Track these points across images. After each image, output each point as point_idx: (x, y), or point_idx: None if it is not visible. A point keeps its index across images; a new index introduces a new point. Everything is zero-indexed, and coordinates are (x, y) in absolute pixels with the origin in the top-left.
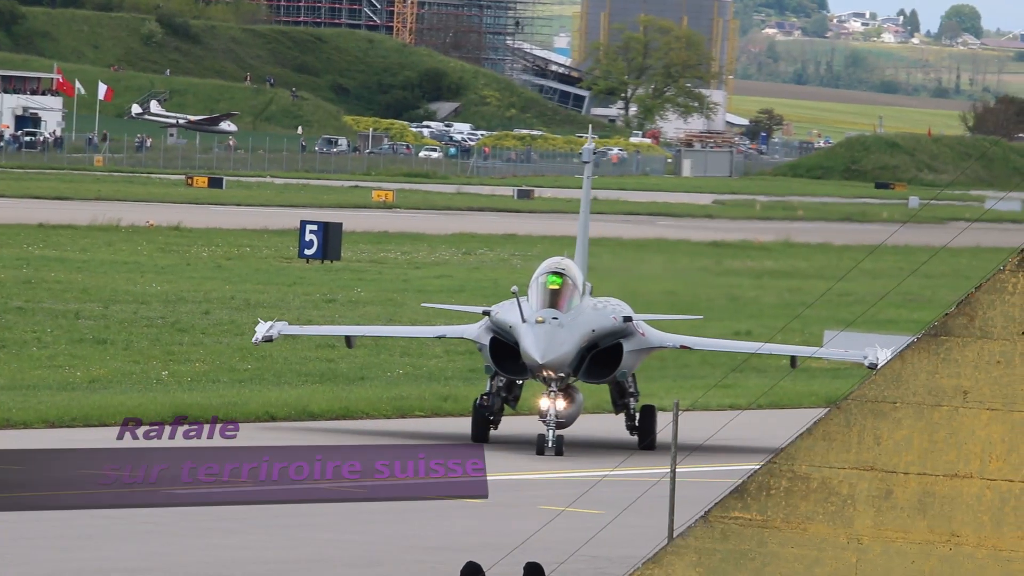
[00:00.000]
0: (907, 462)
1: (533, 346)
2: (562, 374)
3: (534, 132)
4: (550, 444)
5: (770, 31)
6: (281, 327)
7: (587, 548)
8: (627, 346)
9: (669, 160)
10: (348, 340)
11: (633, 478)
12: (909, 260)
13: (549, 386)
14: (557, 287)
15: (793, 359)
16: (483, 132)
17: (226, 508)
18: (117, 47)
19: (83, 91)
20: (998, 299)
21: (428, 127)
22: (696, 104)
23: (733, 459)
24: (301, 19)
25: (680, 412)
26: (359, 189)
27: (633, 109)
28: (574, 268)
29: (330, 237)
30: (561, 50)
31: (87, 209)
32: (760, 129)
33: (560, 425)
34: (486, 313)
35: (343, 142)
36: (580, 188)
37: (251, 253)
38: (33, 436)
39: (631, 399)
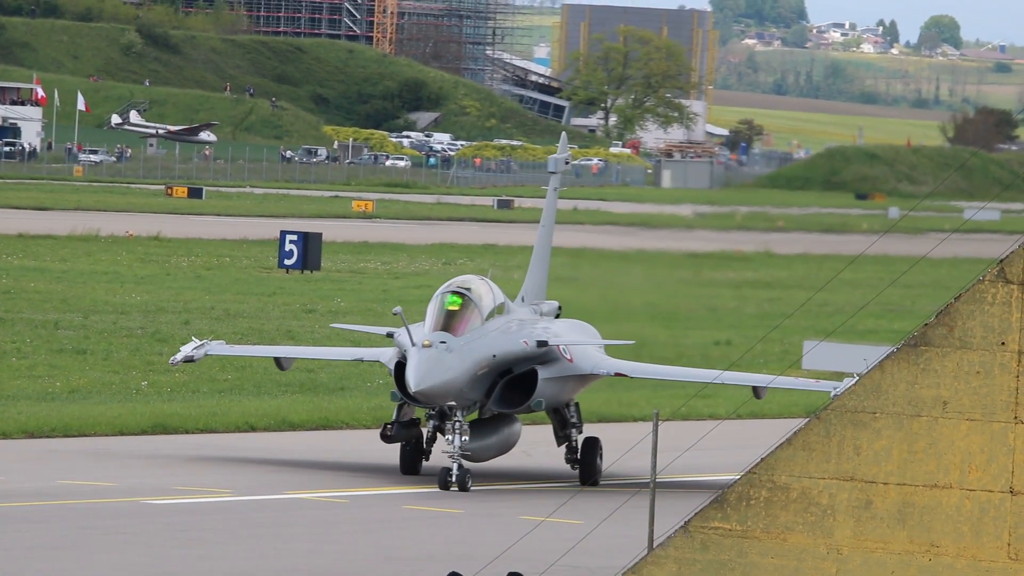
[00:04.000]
0: (887, 472)
1: (410, 373)
2: (451, 403)
3: (514, 142)
4: (453, 478)
5: (750, 41)
6: (214, 347)
7: (567, 558)
8: (544, 373)
9: (649, 170)
10: (278, 362)
11: (613, 488)
12: (889, 270)
13: (453, 416)
14: (456, 308)
15: (756, 389)
16: (463, 142)
17: (201, 517)
18: (97, 57)
19: (58, 103)
20: (977, 309)
21: (408, 137)
22: (676, 114)
23: (713, 469)
24: (281, 29)
25: (660, 422)
26: (339, 199)
27: (613, 119)
28: (483, 287)
29: (310, 247)
30: (541, 60)
31: (67, 219)
32: (740, 139)
33: (469, 458)
34: (390, 335)
35: (323, 152)
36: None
37: (231, 263)
38: (12, 446)
39: (572, 430)
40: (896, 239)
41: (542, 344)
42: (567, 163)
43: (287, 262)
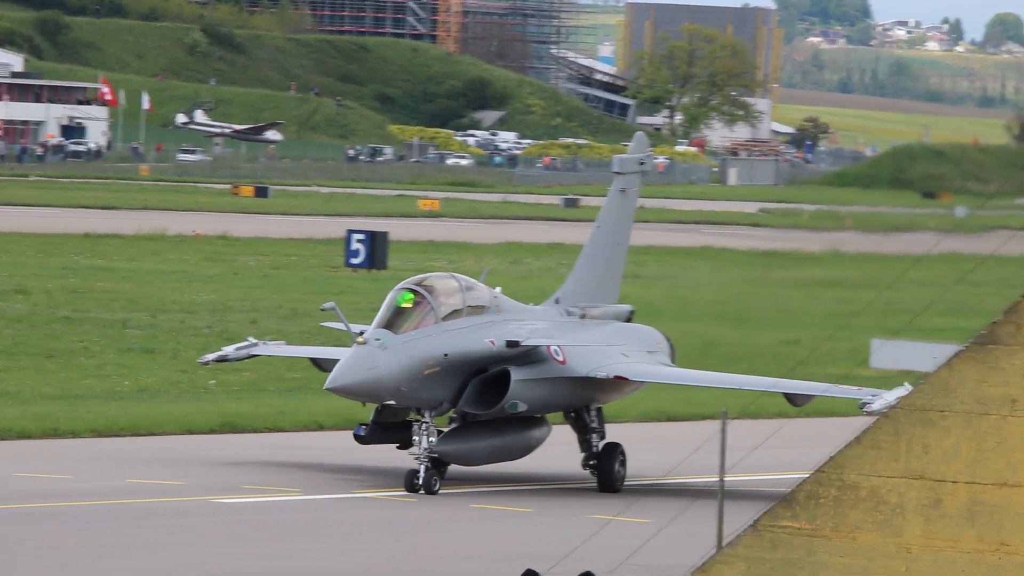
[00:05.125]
0: (956, 471)
1: (335, 369)
2: (389, 401)
3: (580, 141)
4: (420, 481)
5: (814, 39)
6: (261, 348)
7: (636, 557)
8: (521, 374)
9: (714, 169)
10: (317, 363)
11: (682, 487)
12: (956, 269)
13: (421, 416)
14: (407, 305)
15: (790, 397)
16: (529, 141)
17: (269, 516)
18: (162, 57)
19: (123, 102)
20: None
21: (473, 136)
22: (741, 112)
23: (782, 468)
24: (346, 28)
25: (728, 420)
26: (405, 198)
27: (678, 117)
28: (448, 286)
29: (376, 246)
30: (606, 59)
31: (133, 218)
32: (805, 137)
33: (455, 461)
34: (360, 334)
35: (388, 151)
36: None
37: (298, 262)
38: (81, 445)
39: (592, 435)
40: (963, 237)
41: (512, 344)
42: (641, 163)
43: (354, 261)
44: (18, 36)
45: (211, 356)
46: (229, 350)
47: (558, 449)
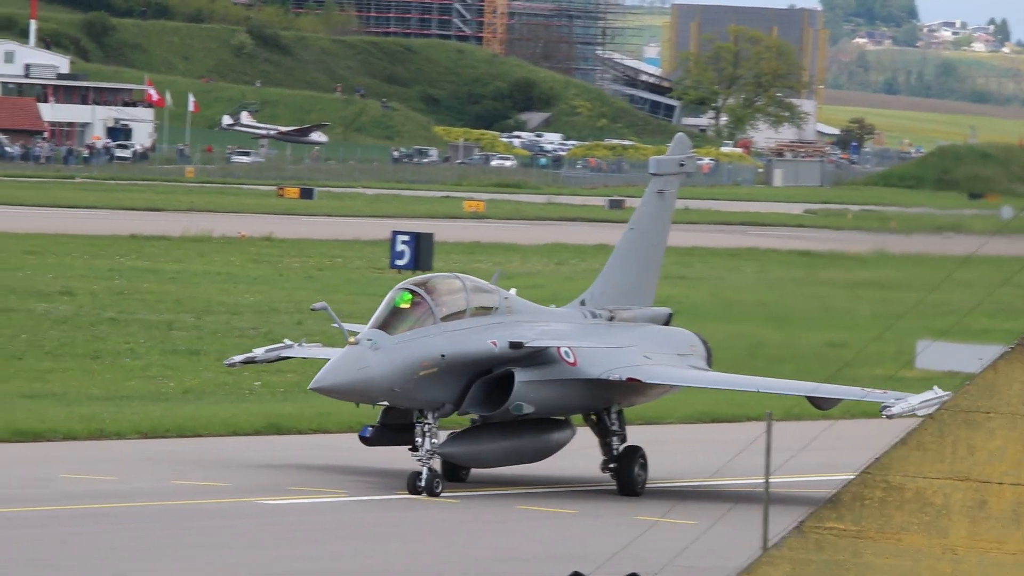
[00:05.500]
0: (1001, 472)
1: (322, 369)
2: (384, 402)
3: (625, 142)
4: (422, 483)
5: (860, 40)
6: (296, 351)
7: (681, 558)
8: (525, 375)
9: (760, 170)
10: None
11: (726, 488)
12: (1002, 270)
13: (425, 418)
14: (405, 306)
15: (815, 401)
16: (574, 142)
17: (315, 518)
18: (208, 58)
19: (171, 102)
20: None
21: (519, 137)
22: (787, 114)
23: (827, 469)
24: (391, 29)
25: (773, 422)
26: (450, 199)
27: (724, 119)
28: (450, 287)
29: (422, 247)
30: (651, 60)
31: (179, 220)
32: (851, 139)
33: (465, 463)
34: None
35: (433, 152)
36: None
37: (343, 263)
38: (127, 447)
39: (613, 438)
40: (1009, 238)
41: (515, 345)
42: (681, 165)
43: (399, 262)
44: (65, 38)
45: (239, 358)
46: (259, 352)
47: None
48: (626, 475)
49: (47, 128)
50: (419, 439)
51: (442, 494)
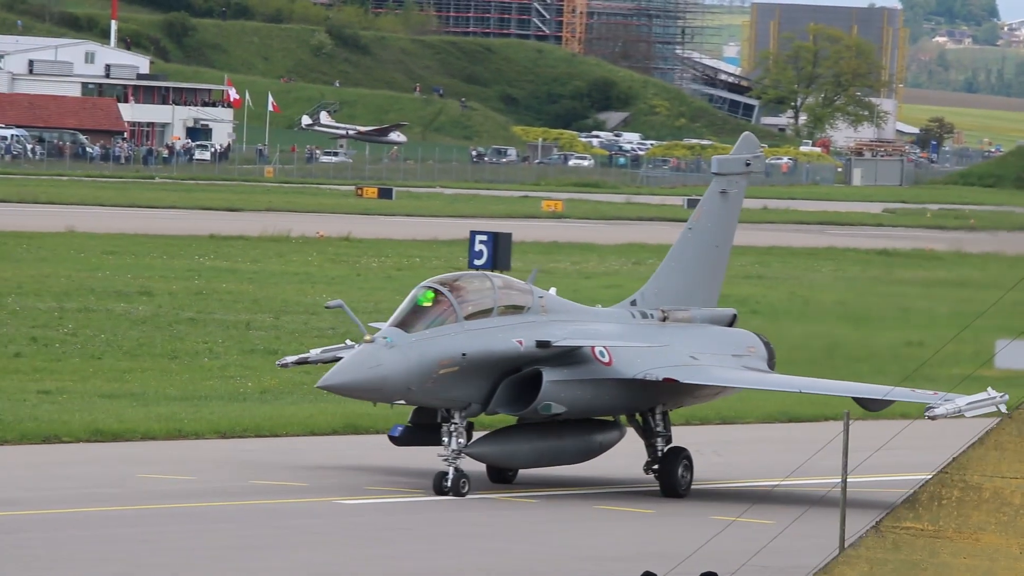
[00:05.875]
0: None
1: (333, 367)
2: (400, 401)
3: (704, 142)
4: (448, 483)
5: (940, 39)
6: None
7: (758, 558)
8: (555, 375)
9: (839, 169)
10: None
11: (804, 488)
12: None
13: (451, 418)
14: (427, 304)
15: (862, 401)
16: (652, 142)
17: (393, 517)
18: (287, 58)
19: (251, 103)
20: None
21: (597, 137)
22: (866, 113)
23: (904, 469)
24: (470, 29)
25: (851, 421)
26: (528, 199)
27: (803, 118)
28: (478, 285)
29: (500, 247)
30: (730, 59)
31: (258, 220)
32: (930, 137)
33: (491, 463)
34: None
35: (512, 152)
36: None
37: (421, 263)
38: (205, 446)
39: (657, 439)
40: None
41: (543, 344)
42: (748, 164)
43: (477, 262)
44: (145, 38)
45: (291, 358)
46: (314, 352)
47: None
48: (669, 476)
49: (127, 128)
50: (445, 439)
51: (468, 494)
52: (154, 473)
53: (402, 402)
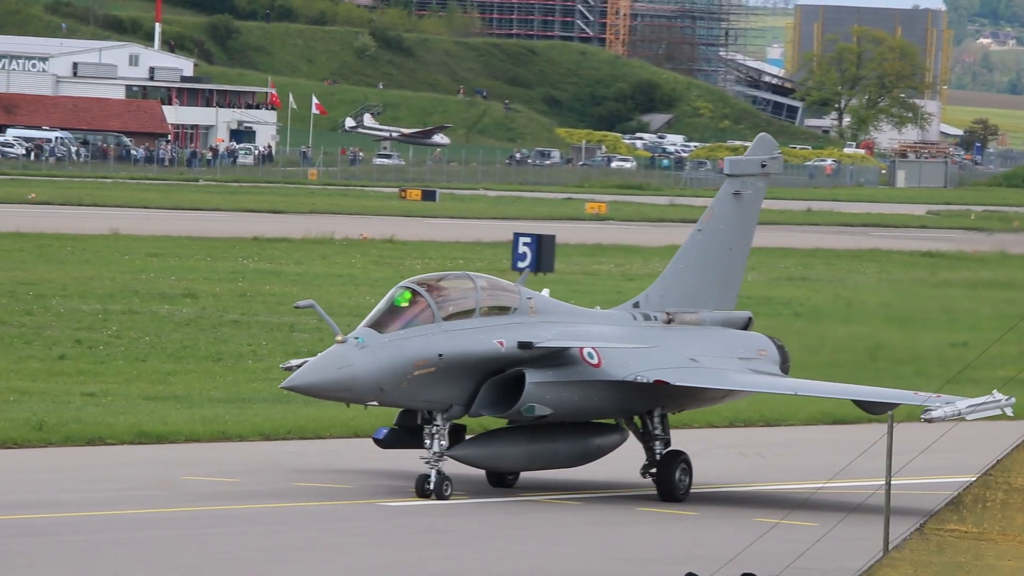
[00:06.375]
0: None
1: (299, 368)
2: (373, 402)
3: (747, 143)
4: (431, 486)
5: (984, 41)
6: None
7: (801, 560)
8: (539, 376)
9: (883, 171)
10: None
11: (847, 490)
12: None
13: (433, 420)
14: (404, 304)
15: (862, 404)
16: (696, 144)
17: (436, 519)
18: (331, 61)
19: (295, 105)
20: None
21: (641, 139)
22: (910, 115)
23: (948, 471)
24: (514, 32)
25: (895, 424)
26: (572, 201)
27: (847, 120)
28: (461, 285)
29: (543, 249)
30: (774, 61)
31: (301, 222)
32: (974, 139)
33: (479, 466)
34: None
35: (555, 154)
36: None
37: (465, 265)
38: (249, 449)
39: (656, 442)
40: None
41: (524, 345)
42: (763, 165)
43: (521, 264)
44: (189, 41)
45: (296, 362)
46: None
47: (726, 452)
48: (667, 480)
49: (171, 131)
50: (427, 441)
51: (451, 496)
52: (198, 475)
53: (375, 404)
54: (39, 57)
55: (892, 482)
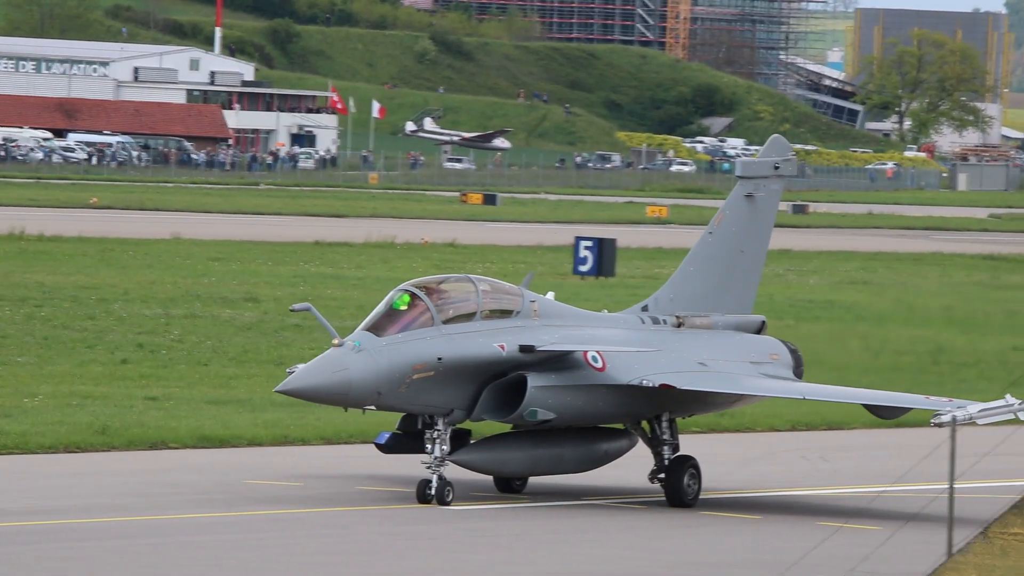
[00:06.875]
0: None
1: (296, 371)
2: (370, 407)
3: (808, 147)
4: (432, 491)
5: None
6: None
7: (866, 564)
8: (541, 380)
9: (944, 174)
10: None
11: (911, 494)
12: None
13: (434, 425)
14: (403, 308)
15: (872, 408)
16: (757, 147)
17: (496, 523)
18: (391, 65)
19: (354, 109)
20: None
21: (701, 142)
22: (971, 118)
23: (1013, 475)
24: (574, 36)
25: (958, 427)
26: (633, 205)
27: (907, 123)
28: (462, 289)
29: (604, 253)
30: (834, 64)
31: (363, 226)
32: None
33: (480, 470)
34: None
35: (616, 158)
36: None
37: (526, 270)
38: (311, 452)
39: (664, 447)
40: None
41: (526, 349)
42: (776, 167)
43: (582, 268)
44: (249, 45)
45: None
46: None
47: (789, 456)
48: (675, 486)
49: (232, 135)
50: (428, 446)
51: (453, 503)
52: (261, 479)
53: (373, 408)
54: (100, 62)
55: (955, 485)
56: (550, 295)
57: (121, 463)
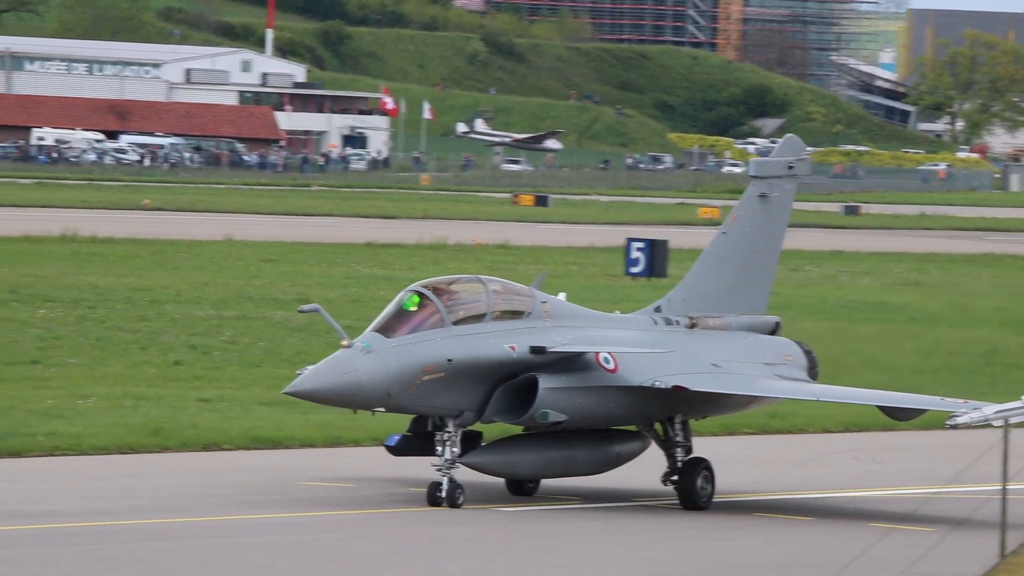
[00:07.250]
0: None
1: (304, 373)
2: (380, 408)
3: (860, 148)
4: (442, 493)
5: None
6: None
7: (918, 566)
8: (552, 381)
9: (997, 175)
10: None
11: (964, 496)
12: None
13: (445, 427)
14: (412, 309)
15: (887, 410)
16: (809, 148)
17: (545, 525)
18: (442, 66)
19: (405, 110)
20: None
21: (753, 144)
22: (1023, 119)
23: None
24: (625, 37)
25: (1011, 429)
26: (685, 206)
27: (960, 124)
28: (472, 290)
29: (656, 254)
30: (886, 65)
31: (414, 228)
32: None
33: (493, 473)
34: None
35: (668, 159)
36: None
37: (578, 271)
38: (364, 454)
39: (677, 449)
40: None
41: (537, 350)
42: (790, 167)
43: (633, 270)
44: (301, 47)
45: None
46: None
47: (841, 458)
48: (688, 489)
49: (284, 136)
50: (439, 448)
51: (463, 505)
52: (314, 480)
53: (382, 410)
54: (152, 63)
55: (1009, 487)
56: (562, 296)
57: (174, 464)
